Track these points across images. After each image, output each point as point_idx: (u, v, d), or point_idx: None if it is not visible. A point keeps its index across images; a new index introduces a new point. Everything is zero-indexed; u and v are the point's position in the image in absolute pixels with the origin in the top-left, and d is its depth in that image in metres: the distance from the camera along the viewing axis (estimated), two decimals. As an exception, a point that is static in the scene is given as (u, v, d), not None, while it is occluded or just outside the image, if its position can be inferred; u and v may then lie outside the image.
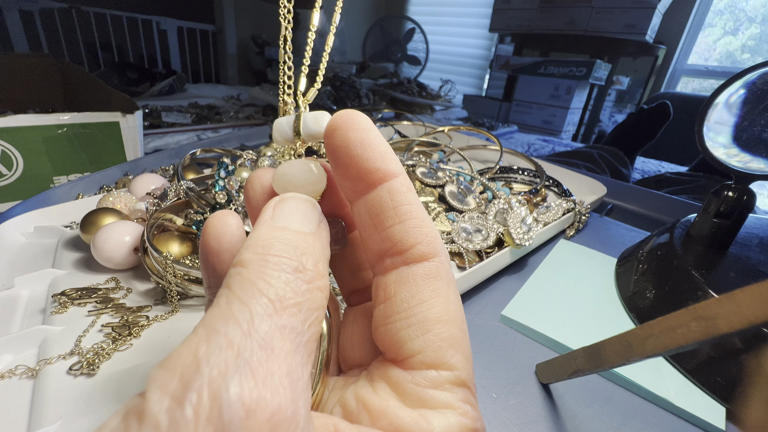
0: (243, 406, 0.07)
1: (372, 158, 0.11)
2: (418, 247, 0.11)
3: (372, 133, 0.11)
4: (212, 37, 1.85)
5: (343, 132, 0.11)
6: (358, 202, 0.12)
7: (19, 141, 0.42)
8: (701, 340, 0.13)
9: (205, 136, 0.78)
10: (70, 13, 1.39)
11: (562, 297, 0.30)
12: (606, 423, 0.21)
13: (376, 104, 1.29)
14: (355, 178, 0.11)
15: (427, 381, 0.10)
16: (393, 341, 0.11)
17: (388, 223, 0.11)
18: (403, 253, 0.11)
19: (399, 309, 0.11)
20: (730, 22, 1.61)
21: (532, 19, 1.64)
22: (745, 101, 0.27)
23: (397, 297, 0.11)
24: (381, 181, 0.11)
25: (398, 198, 0.11)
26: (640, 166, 1.09)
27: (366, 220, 0.12)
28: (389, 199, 0.11)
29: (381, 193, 0.11)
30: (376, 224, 0.11)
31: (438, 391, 0.10)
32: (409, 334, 0.11)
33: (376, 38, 2.13)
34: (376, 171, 0.11)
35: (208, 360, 0.08)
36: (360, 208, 0.12)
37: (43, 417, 0.17)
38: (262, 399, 0.08)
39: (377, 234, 0.11)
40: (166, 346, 0.22)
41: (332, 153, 0.12)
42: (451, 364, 0.11)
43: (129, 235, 0.27)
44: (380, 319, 0.11)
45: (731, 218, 0.28)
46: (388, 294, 0.11)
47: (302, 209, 0.11)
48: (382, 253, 0.12)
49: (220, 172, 0.27)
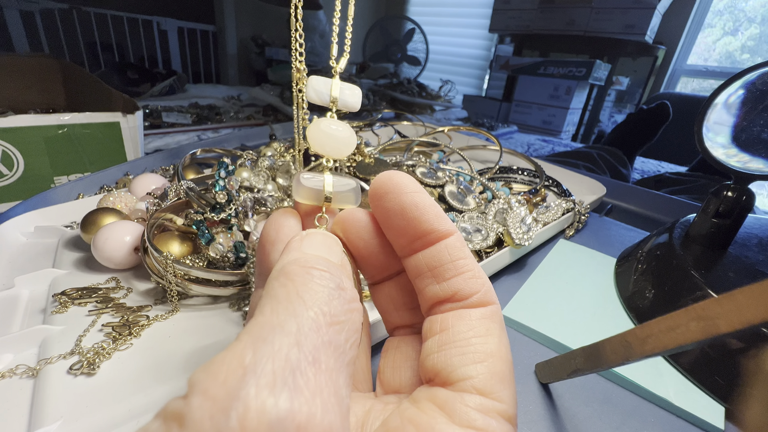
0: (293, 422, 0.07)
1: (429, 220, 0.12)
2: (477, 296, 0.12)
3: (424, 195, 0.13)
4: (213, 37, 1.85)
5: (396, 196, 0.12)
6: (414, 257, 0.13)
7: (19, 141, 0.42)
8: (700, 340, 0.13)
9: (205, 136, 0.78)
10: (71, 13, 1.39)
11: (561, 297, 0.30)
12: (605, 422, 0.21)
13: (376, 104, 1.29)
14: (412, 237, 0.13)
15: (477, 405, 0.10)
16: (446, 365, 0.11)
17: (448, 275, 0.12)
18: (463, 300, 0.12)
19: (455, 339, 0.12)
20: (730, 22, 1.61)
21: (532, 20, 1.64)
22: (745, 101, 0.27)
23: (454, 329, 0.12)
24: (439, 239, 0.12)
25: (456, 253, 0.12)
26: (640, 166, 1.09)
27: (424, 272, 0.13)
28: (448, 255, 0.12)
29: (440, 249, 0.12)
30: (435, 276, 0.12)
31: (486, 417, 0.10)
32: (464, 360, 0.11)
33: (376, 38, 2.13)
34: (434, 231, 0.12)
35: (255, 369, 0.07)
36: (417, 262, 0.13)
37: (44, 416, 0.17)
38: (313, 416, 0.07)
39: (437, 285, 0.12)
40: (166, 345, 0.22)
41: (386, 215, 0.13)
42: (501, 397, 0.11)
43: (129, 234, 0.27)
44: (434, 347, 0.12)
45: (730, 218, 0.28)
46: (445, 326, 0.12)
47: (328, 243, 0.12)
48: (441, 300, 0.12)
49: (220, 172, 0.27)
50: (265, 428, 0.07)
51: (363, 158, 0.40)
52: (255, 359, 0.07)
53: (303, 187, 0.14)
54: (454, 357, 0.11)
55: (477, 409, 0.10)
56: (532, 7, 1.62)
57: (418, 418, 0.11)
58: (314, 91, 0.14)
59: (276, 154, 0.44)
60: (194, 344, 0.22)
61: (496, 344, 0.11)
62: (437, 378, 0.11)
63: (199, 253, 0.27)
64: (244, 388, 0.07)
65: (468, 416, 0.10)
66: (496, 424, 0.10)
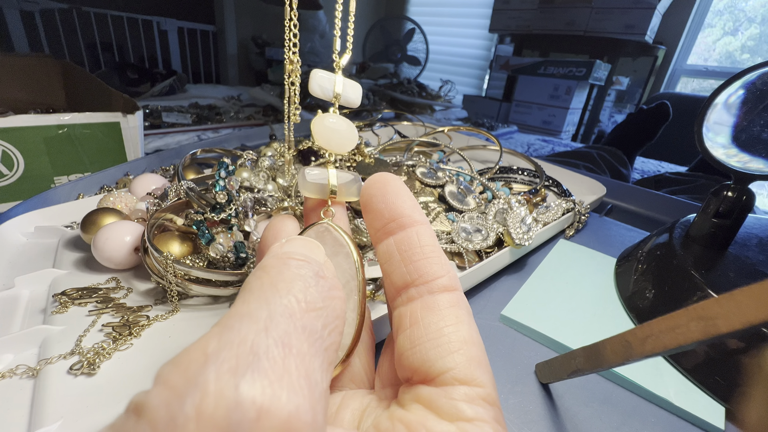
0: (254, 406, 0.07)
1: (405, 206, 0.13)
2: (442, 280, 0.13)
3: (405, 189, 0.14)
4: (213, 37, 1.85)
5: (382, 185, 0.14)
6: (387, 240, 0.14)
7: (19, 141, 0.42)
8: (701, 340, 0.13)
9: (205, 136, 0.78)
10: (71, 13, 1.39)
11: (561, 297, 0.30)
12: (605, 422, 0.21)
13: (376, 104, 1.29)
14: (388, 219, 0.13)
15: (461, 395, 0.11)
16: (423, 361, 0.11)
17: (416, 257, 0.13)
18: (429, 283, 0.13)
19: (427, 332, 0.12)
20: (730, 22, 1.61)
21: (532, 20, 1.64)
22: (744, 101, 0.27)
23: (425, 321, 0.12)
24: (412, 224, 0.13)
25: (425, 239, 0.13)
26: (640, 166, 1.09)
27: (394, 255, 0.13)
28: (417, 239, 0.13)
29: (411, 233, 0.13)
30: (404, 258, 0.13)
31: (473, 406, 0.10)
32: (440, 352, 0.11)
33: (376, 38, 2.13)
34: (409, 216, 0.13)
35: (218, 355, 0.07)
36: (389, 246, 0.14)
37: (44, 417, 0.17)
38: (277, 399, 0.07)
39: (404, 267, 0.13)
40: (166, 345, 0.22)
41: (370, 198, 0.14)
42: (481, 382, 0.11)
43: (129, 235, 0.27)
44: (407, 343, 0.12)
45: (730, 218, 0.28)
46: (414, 320, 0.12)
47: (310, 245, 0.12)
48: (407, 284, 0.13)
49: (220, 172, 0.27)
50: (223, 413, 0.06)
51: (363, 158, 0.40)
52: (219, 346, 0.07)
53: (308, 183, 0.14)
54: (430, 351, 0.11)
55: (464, 399, 0.11)
56: (532, 7, 1.62)
57: (408, 418, 0.11)
58: (319, 87, 0.15)
59: (276, 154, 0.44)
60: (194, 344, 0.22)
61: (467, 331, 0.12)
62: (416, 375, 0.12)
63: (199, 253, 0.27)
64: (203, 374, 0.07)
65: (456, 409, 0.10)
66: (484, 411, 0.11)
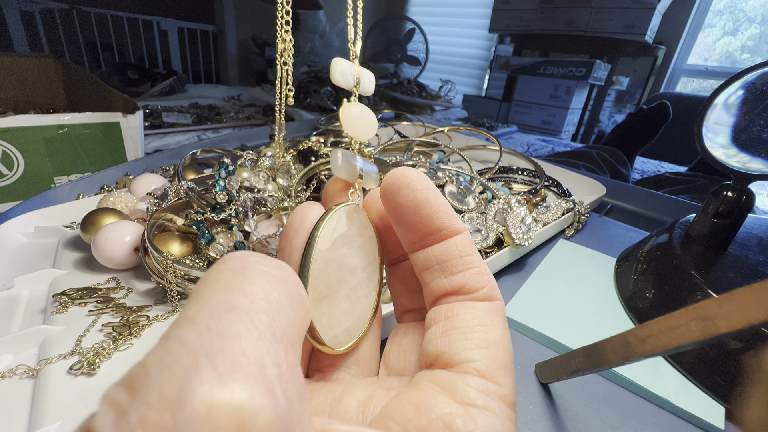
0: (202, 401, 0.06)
1: (441, 218, 0.13)
2: (484, 291, 0.13)
3: (437, 193, 0.13)
4: (213, 37, 1.85)
5: (410, 192, 0.13)
6: (423, 251, 0.13)
7: (19, 141, 0.42)
8: (700, 340, 0.13)
9: (205, 136, 0.78)
10: (71, 13, 1.39)
11: (561, 297, 0.30)
12: (605, 422, 0.21)
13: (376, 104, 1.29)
14: (423, 233, 0.13)
15: (478, 386, 0.11)
16: (449, 348, 0.12)
17: (456, 269, 0.13)
18: (470, 294, 0.12)
19: (460, 325, 0.12)
20: (730, 22, 1.61)
21: (532, 20, 1.64)
22: (744, 102, 0.27)
23: (460, 317, 0.12)
24: (449, 236, 0.13)
25: (465, 250, 0.13)
26: (640, 166, 1.09)
27: (432, 266, 0.13)
28: (457, 250, 0.13)
29: (449, 245, 0.13)
30: (443, 270, 0.13)
31: (485, 397, 0.10)
32: (467, 345, 0.11)
33: (376, 39, 2.13)
34: (446, 228, 0.13)
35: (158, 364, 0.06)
36: (426, 256, 0.13)
37: (44, 417, 0.17)
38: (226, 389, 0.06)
39: (444, 278, 0.13)
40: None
41: (398, 209, 0.13)
42: (502, 382, 0.11)
43: (129, 235, 0.27)
44: (438, 332, 0.12)
45: (730, 218, 0.28)
46: (451, 314, 0.12)
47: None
48: (448, 293, 0.13)
49: (220, 172, 0.27)
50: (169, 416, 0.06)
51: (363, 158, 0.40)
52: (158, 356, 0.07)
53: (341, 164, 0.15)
54: (458, 341, 0.11)
55: (478, 389, 0.11)
56: (532, 7, 1.62)
57: (417, 399, 0.11)
58: (341, 75, 0.15)
59: (276, 154, 0.44)
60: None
61: (499, 334, 0.12)
62: (439, 361, 0.12)
63: (199, 253, 0.27)
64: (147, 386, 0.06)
65: (469, 395, 0.10)
66: (497, 405, 0.10)
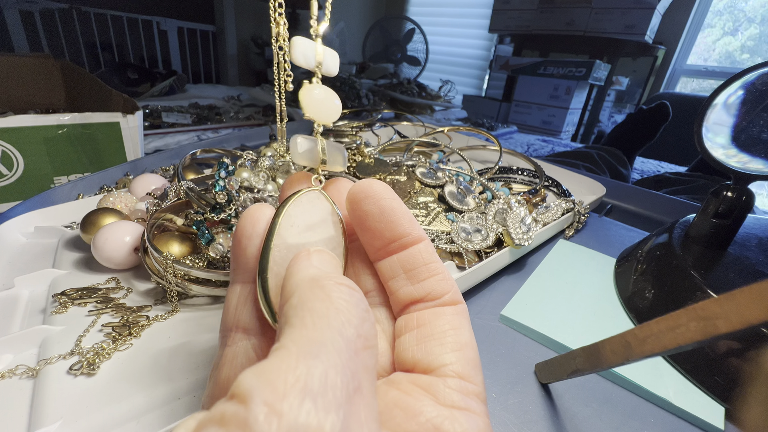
0: None
1: (405, 224, 0.13)
2: (448, 295, 0.13)
3: (400, 202, 0.14)
4: (212, 37, 1.85)
5: (375, 200, 0.13)
6: (389, 259, 0.14)
7: (19, 141, 0.42)
8: (700, 340, 0.13)
9: (205, 136, 0.78)
10: (71, 13, 1.39)
11: (561, 297, 0.30)
12: (605, 422, 0.21)
13: (376, 105, 1.29)
14: (388, 240, 0.13)
15: (457, 387, 0.12)
16: (426, 354, 0.12)
17: (422, 277, 0.13)
18: (436, 300, 0.13)
19: (434, 332, 0.13)
20: (730, 22, 1.61)
21: (532, 20, 1.64)
22: (744, 102, 0.27)
23: (432, 324, 0.13)
24: (413, 243, 0.13)
25: (428, 257, 0.13)
26: (640, 166, 1.09)
27: (399, 274, 0.14)
28: (421, 258, 0.13)
29: (413, 252, 0.13)
30: (410, 277, 0.13)
31: (465, 398, 0.11)
32: (443, 349, 0.12)
33: (376, 39, 2.13)
34: (409, 235, 0.13)
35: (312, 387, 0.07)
36: (392, 264, 0.14)
37: (43, 417, 0.17)
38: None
39: (411, 285, 0.13)
40: (166, 345, 0.22)
41: (363, 217, 0.14)
42: (476, 381, 0.12)
43: (129, 235, 0.27)
44: (413, 340, 0.13)
45: (730, 218, 0.28)
46: (422, 322, 0.13)
47: (335, 263, 0.13)
48: (415, 300, 0.13)
49: (220, 172, 0.27)
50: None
51: (363, 158, 0.40)
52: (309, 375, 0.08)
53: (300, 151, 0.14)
54: (434, 347, 0.12)
55: (458, 390, 0.12)
56: (532, 8, 1.62)
57: (404, 402, 0.11)
58: (302, 55, 0.14)
59: (276, 154, 0.44)
60: (194, 344, 0.22)
61: (467, 336, 0.13)
62: (416, 367, 0.12)
63: (199, 253, 0.27)
64: (304, 406, 0.07)
65: (451, 398, 0.11)
66: (475, 404, 0.12)
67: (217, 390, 0.12)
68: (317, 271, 0.11)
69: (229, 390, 0.08)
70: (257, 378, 0.07)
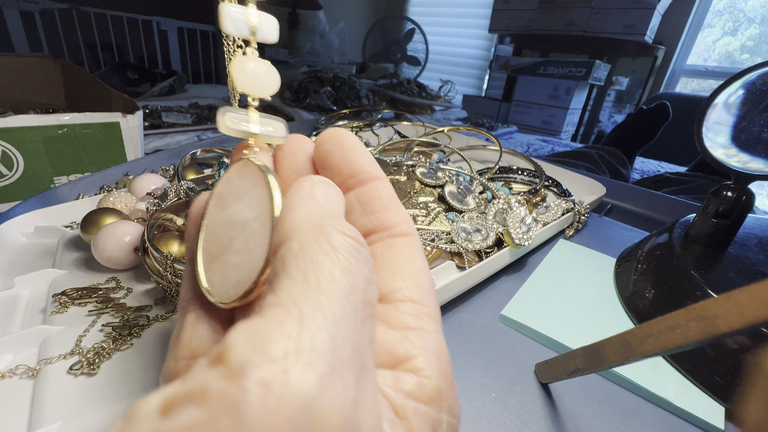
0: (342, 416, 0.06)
1: (363, 161, 0.14)
2: (401, 226, 0.13)
3: (361, 145, 0.14)
4: (212, 37, 1.85)
5: (338, 141, 0.14)
6: (347, 195, 0.14)
7: (19, 141, 0.42)
8: (700, 340, 0.13)
9: (205, 136, 0.78)
10: (71, 13, 1.39)
11: (561, 297, 0.30)
12: (605, 422, 0.21)
13: (375, 105, 1.29)
14: (347, 175, 0.14)
15: (411, 310, 0.12)
16: (378, 284, 0.12)
17: (376, 209, 0.14)
18: (389, 230, 0.13)
19: (385, 263, 0.13)
20: (730, 22, 1.61)
21: (532, 20, 1.64)
22: (744, 101, 0.27)
23: (384, 256, 0.13)
24: (372, 180, 0.14)
25: (384, 192, 0.14)
26: (640, 166, 1.09)
27: (355, 208, 0.14)
28: (377, 193, 0.14)
29: (371, 188, 0.14)
30: (365, 210, 0.14)
31: (417, 318, 0.12)
32: (395, 278, 0.12)
33: (376, 39, 2.13)
34: (367, 172, 0.14)
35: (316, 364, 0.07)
36: (350, 200, 0.14)
37: (44, 417, 0.17)
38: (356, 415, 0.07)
39: (366, 217, 0.14)
40: (166, 345, 0.22)
41: (327, 155, 0.14)
42: (429, 303, 0.12)
43: (129, 235, 0.27)
44: None
45: (730, 218, 0.28)
46: (374, 255, 0.13)
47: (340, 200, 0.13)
48: (369, 232, 0.14)
49: (220, 172, 0.27)
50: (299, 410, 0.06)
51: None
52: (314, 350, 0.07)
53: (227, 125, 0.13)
54: (386, 277, 0.12)
55: (410, 314, 0.11)
56: (531, 8, 1.62)
57: None
58: (231, 20, 0.13)
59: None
60: (194, 344, 0.22)
61: (420, 265, 0.13)
62: None
63: (199, 253, 0.27)
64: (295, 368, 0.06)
65: (403, 320, 0.11)
66: (427, 323, 0.12)
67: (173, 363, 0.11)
68: (322, 212, 0.10)
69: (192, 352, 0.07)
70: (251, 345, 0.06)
